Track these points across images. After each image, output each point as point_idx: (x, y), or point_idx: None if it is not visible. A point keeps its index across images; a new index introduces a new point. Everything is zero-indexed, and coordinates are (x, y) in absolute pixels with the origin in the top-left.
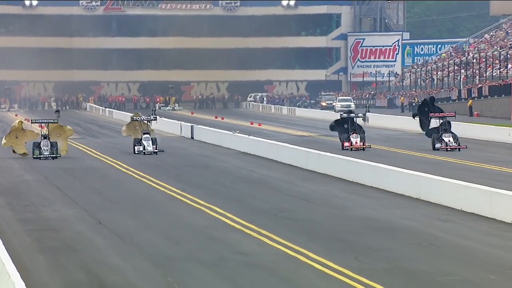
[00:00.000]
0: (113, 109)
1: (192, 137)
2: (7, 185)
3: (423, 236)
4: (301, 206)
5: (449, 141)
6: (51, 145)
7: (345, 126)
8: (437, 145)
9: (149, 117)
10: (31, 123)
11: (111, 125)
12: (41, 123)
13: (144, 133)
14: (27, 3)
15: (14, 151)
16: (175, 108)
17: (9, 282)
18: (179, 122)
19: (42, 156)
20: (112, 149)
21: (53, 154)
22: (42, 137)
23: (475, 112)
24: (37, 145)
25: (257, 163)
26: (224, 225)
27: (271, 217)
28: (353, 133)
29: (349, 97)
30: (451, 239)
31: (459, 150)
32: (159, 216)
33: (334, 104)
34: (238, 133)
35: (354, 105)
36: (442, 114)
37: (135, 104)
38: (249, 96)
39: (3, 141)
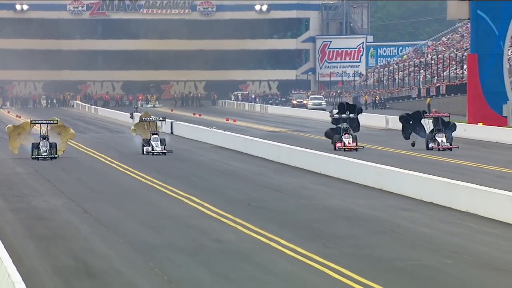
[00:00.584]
0: (100, 106)
1: (171, 133)
2: (0, 178)
3: (386, 224)
4: (273, 197)
5: (441, 141)
6: (50, 146)
7: (342, 125)
8: (430, 145)
9: (159, 117)
10: (31, 123)
11: (97, 122)
12: (41, 123)
13: (153, 134)
14: (18, 7)
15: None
16: (155, 105)
17: (1, 267)
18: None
19: (40, 156)
20: (98, 144)
21: (51, 154)
22: (41, 138)
23: (433, 110)
24: (36, 146)
25: (232, 157)
26: (202, 214)
27: (245, 206)
28: (345, 134)
29: (321, 96)
30: (412, 227)
31: (450, 150)
32: (142, 206)
33: (305, 102)
34: (215, 128)
35: (325, 103)
36: (436, 114)
37: (117, 101)
38: (232, 94)
39: (9, 125)
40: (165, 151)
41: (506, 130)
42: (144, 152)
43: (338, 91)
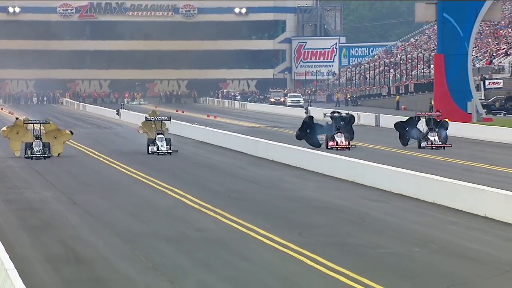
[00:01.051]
0: (89, 103)
1: None
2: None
3: (357, 214)
4: (251, 188)
5: (434, 140)
6: (43, 145)
7: (333, 126)
8: (423, 144)
9: (164, 117)
10: (24, 123)
11: (85, 118)
12: (34, 123)
13: (158, 133)
14: (10, 10)
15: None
16: (140, 102)
17: None
18: (144, 115)
19: (34, 156)
20: (86, 139)
21: (45, 154)
22: (35, 138)
23: (402, 106)
24: (29, 145)
25: (213, 151)
26: (184, 205)
27: (225, 198)
28: (337, 132)
29: (299, 94)
30: (381, 216)
31: (443, 148)
32: (127, 197)
33: (282, 100)
34: (196, 124)
35: (303, 101)
36: (428, 114)
37: (103, 99)
38: (220, 91)
39: (4, 128)
40: (170, 151)
41: (471, 126)
42: (149, 152)
43: (313, 89)
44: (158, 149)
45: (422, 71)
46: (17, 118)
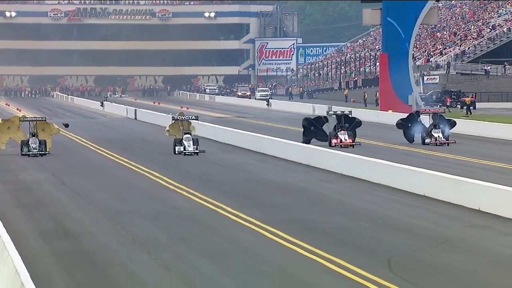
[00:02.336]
0: (76, 96)
1: (135, 118)
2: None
3: (313, 194)
4: (219, 171)
5: (438, 136)
6: (39, 143)
7: (335, 124)
8: (427, 140)
9: (191, 116)
10: (20, 121)
11: (73, 109)
12: (29, 121)
13: (185, 133)
14: (7, 14)
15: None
16: (122, 95)
17: None
18: (125, 106)
19: (31, 153)
20: (73, 128)
21: (41, 151)
22: (31, 135)
23: (352, 99)
24: (25, 143)
25: None
26: (161, 186)
27: (196, 179)
28: (341, 130)
29: (267, 88)
30: (334, 196)
31: (448, 144)
32: (110, 179)
33: (248, 94)
34: (171, 115)
35: (271, 94)
36: (432, 110)
37: (89, 92)
38: (205, 85)
39: None
40: (197, 151)
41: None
42: (176, 152)
43: (274, 84)
44: (184, 149)
45: (369, 68)
46: (24, 117)
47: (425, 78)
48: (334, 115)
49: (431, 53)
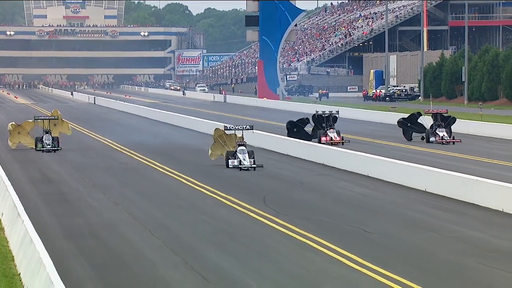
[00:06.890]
0: (55, 88)
1: (94, 103)
2: (22, 156)
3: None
4: (150, 138)
5: (443, 135)
6: (52, 139)
7: (322, 124)
8: (431, 139)
9: (245, 126)
10: (34, 119)
11: (52, 96)
12: (43, 119)
13: (239, 145)
14: (8, 33)
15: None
16: (85, 88)
17: (19, 220)
18: (87, 95)
19: (45, 149)
20: (51, 108)
21: (55, 147)
22: (44, 132)
23: (239, 90)
24: (40, 139)
25: (129, 117)
26: (111, 149)
27: (136, 144)
28: (330, 128)
29: (204, 84)
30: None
31: (453, 143)
32: (77, 143)
33: (178, 88)
34: (119, 101)
35: (207, 89)
36: (435, 111)
37: (63, 86)
38: (161, 82)
39: (13, 123)
40: (254, 165)
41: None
42: (230, 166)
43: (187, 80)
44: (240, 163)
45: (251, 69)
46: (36, 117)
47: (288, 76)
48: (322, 115)
49: (291, 60)
